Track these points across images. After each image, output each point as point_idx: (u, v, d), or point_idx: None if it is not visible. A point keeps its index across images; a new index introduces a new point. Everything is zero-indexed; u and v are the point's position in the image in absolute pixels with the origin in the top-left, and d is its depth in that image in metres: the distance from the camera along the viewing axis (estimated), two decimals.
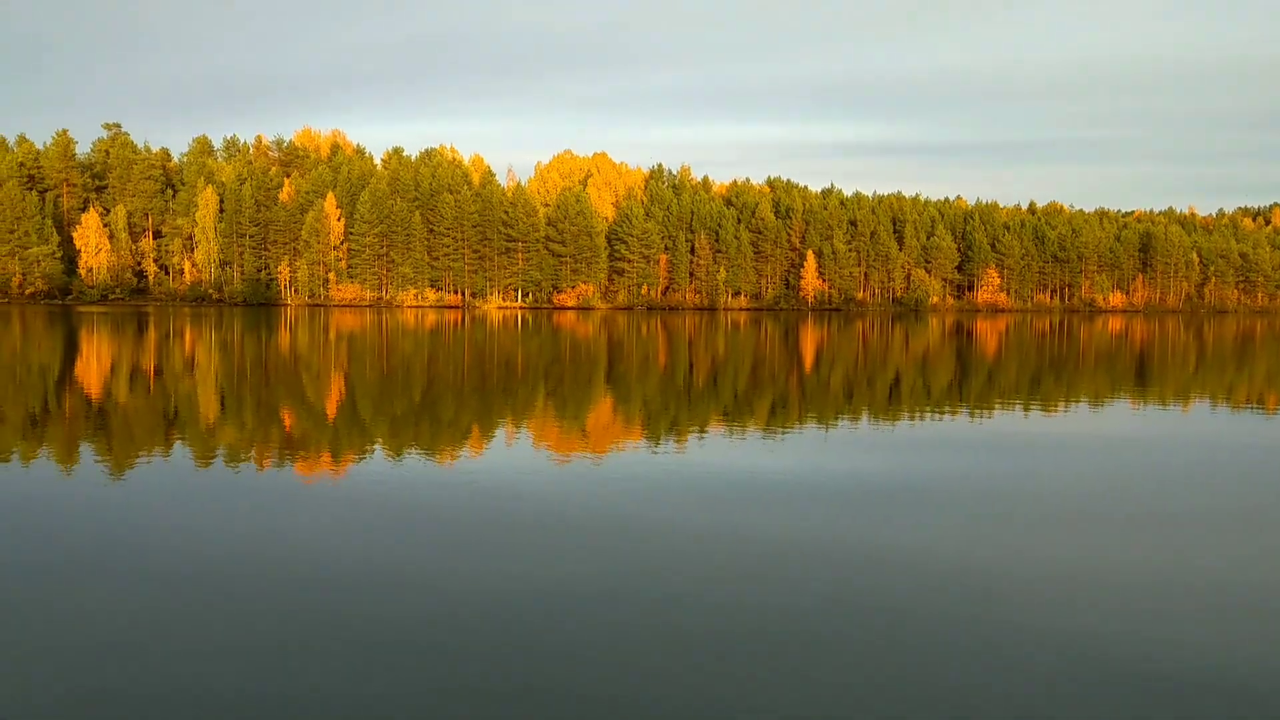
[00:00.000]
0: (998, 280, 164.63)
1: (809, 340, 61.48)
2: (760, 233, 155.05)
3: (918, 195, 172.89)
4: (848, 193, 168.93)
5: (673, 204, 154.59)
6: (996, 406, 25.40)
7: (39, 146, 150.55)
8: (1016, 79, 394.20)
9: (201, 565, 9.47)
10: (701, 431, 19.74)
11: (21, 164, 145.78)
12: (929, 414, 23.15)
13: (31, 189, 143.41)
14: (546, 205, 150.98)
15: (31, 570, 9.27)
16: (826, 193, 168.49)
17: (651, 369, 36.72)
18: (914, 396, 27.36)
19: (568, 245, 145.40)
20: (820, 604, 8.54)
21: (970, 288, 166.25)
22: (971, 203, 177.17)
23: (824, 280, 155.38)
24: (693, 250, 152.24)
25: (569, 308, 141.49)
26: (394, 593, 8.70)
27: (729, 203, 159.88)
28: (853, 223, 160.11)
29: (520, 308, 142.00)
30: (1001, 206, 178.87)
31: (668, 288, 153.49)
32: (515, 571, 9.39)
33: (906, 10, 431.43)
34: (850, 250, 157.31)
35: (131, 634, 7.57)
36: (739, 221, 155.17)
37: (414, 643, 7.49)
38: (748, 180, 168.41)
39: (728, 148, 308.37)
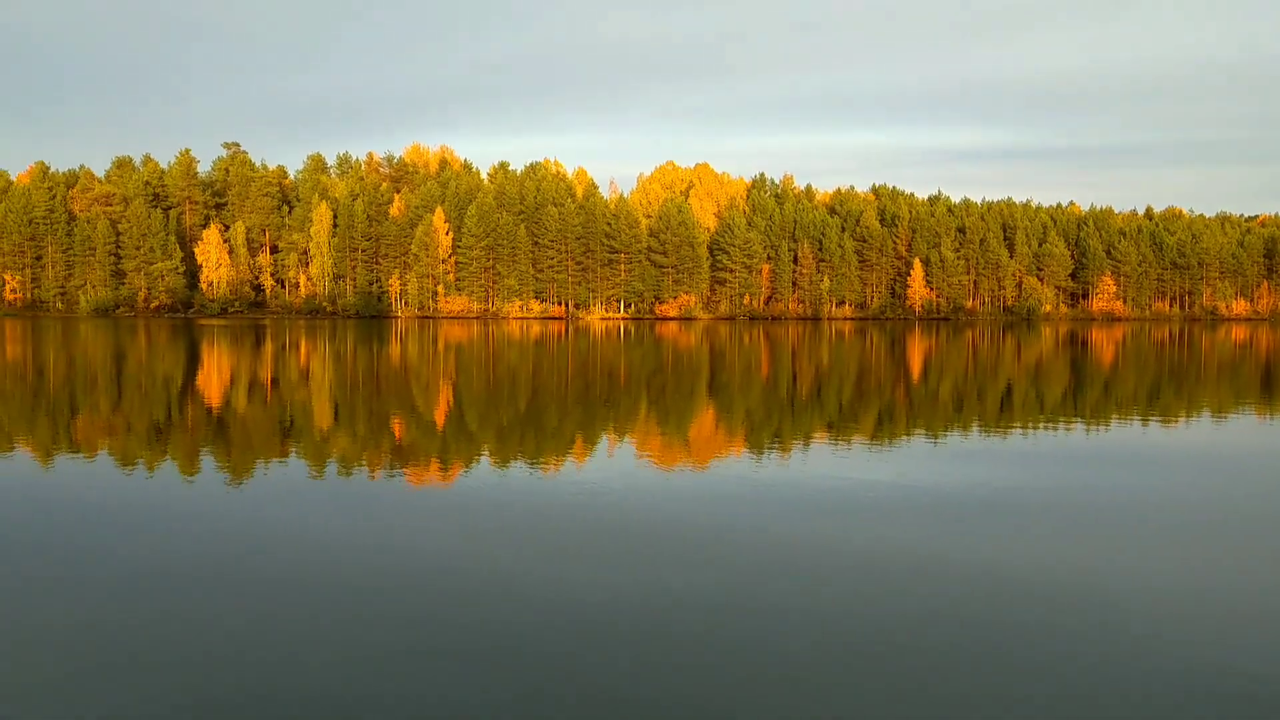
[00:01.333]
0: (1113, 288, 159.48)
1: (916, 350, 60.43)
2: (865, 241, 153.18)
3: (1028, 201, 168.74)
4: (955, 199, 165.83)
5: (775, 213, 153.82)
6: (1114, 419, 24.60)
7: (163, 166, 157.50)
8: (1129, 81, 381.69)
9: (314, 571, 9.76)
10: (805, 443, 19.57)
11: (147, 183, 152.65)
12: (1041, 426, 22.54)
13: (156, 207, 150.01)
14: (648, 216, 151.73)
15: (152, 576, 9.67)
16: (933, 199, 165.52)
17: (754, 379, 36.56)
18: (1026, 408, 26.66)
19: (669, 256, 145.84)
20: (925, 619, 8.39)
21: (1084, 296, 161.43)
22: (1085, 208, 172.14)
23: (931, 289, 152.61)
24: (796, 259, 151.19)
25: (671, 318, 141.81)
26: (500, 599, 8.84)
27: (833, 211, 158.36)
28: (961, 230, 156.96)
29: (622, 318, 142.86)
30: (1117, 212, 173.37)
31: (770, 297, 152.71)
32: (618, 580, 9.45)
33: (1016, 13, 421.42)
34: (959, 258, 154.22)
35: (245, 640, 7.85)
36: (843, 230, 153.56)
37: (518, 650, 7.60)
38: (852, 188, 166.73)
39: (831, 156, 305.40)
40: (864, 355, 54.10)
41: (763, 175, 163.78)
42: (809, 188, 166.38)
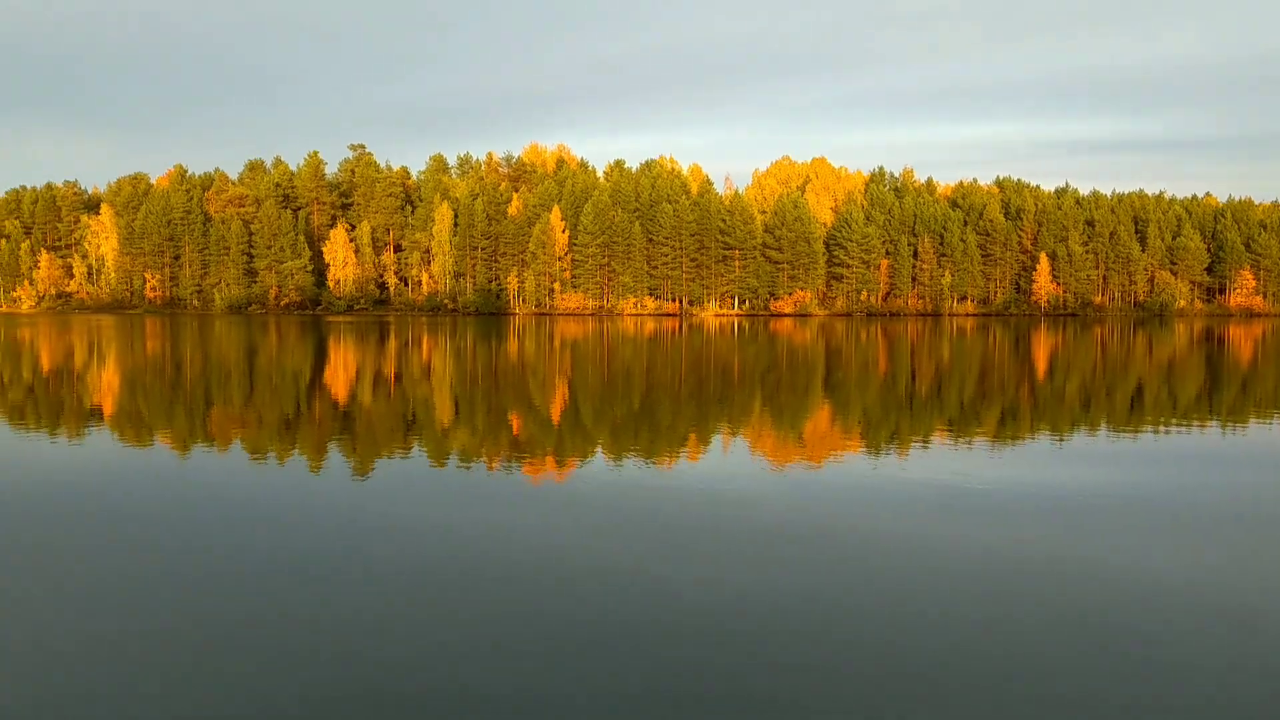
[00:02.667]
0: (1253, 282, 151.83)
1: (1042, 347, 58.61)
2: (988, 235, 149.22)
3: (1161, 193, 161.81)
4: (1084, 191, 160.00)
5: (894, 207, 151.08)
6: (1251, 419, 23.44)
7: (293, 168, 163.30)
8: (1265, 67, 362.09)
9: (432, 564, 9.98)
10: (924, 442, 19.17)
11: (278, 184, 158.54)
12: (1174, 426, 21.62)
13: (286, 207, 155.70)
14: (764, 212, 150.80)
15: (277, 567, 10.01)
16: (1060, 192, 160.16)
17: (871, 377, 35.99)
18: (1158, 408, 25.60)
19: (785, 252, 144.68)
20: (1050, 624, 8.12)
21: (1221, 291, 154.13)
22: (1222, 200, 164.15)
23: (1058, 284, 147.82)
24: (915, 254, 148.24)
25: (786, 315, 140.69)
26: (613, 594, 8.89)
27: (954, 204, 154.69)
28: (1089, 223, 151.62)
29: (736, 315, 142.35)
30: (1257, 203, 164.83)
31: (889, 293, 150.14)
32: (731, 578, 9.40)
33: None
34: (1087, 252, 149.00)
35: (365, 632, 8.06)
36: (965, 224, 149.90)
37: (630, 644, 7.63)
38: (974, 181, 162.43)
39: (952, 148, 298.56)
40: (986, 352, 52.73)
41: (881, 169, 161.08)
42: (930, 181, 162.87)
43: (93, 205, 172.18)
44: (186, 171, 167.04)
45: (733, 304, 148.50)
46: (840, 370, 39.47)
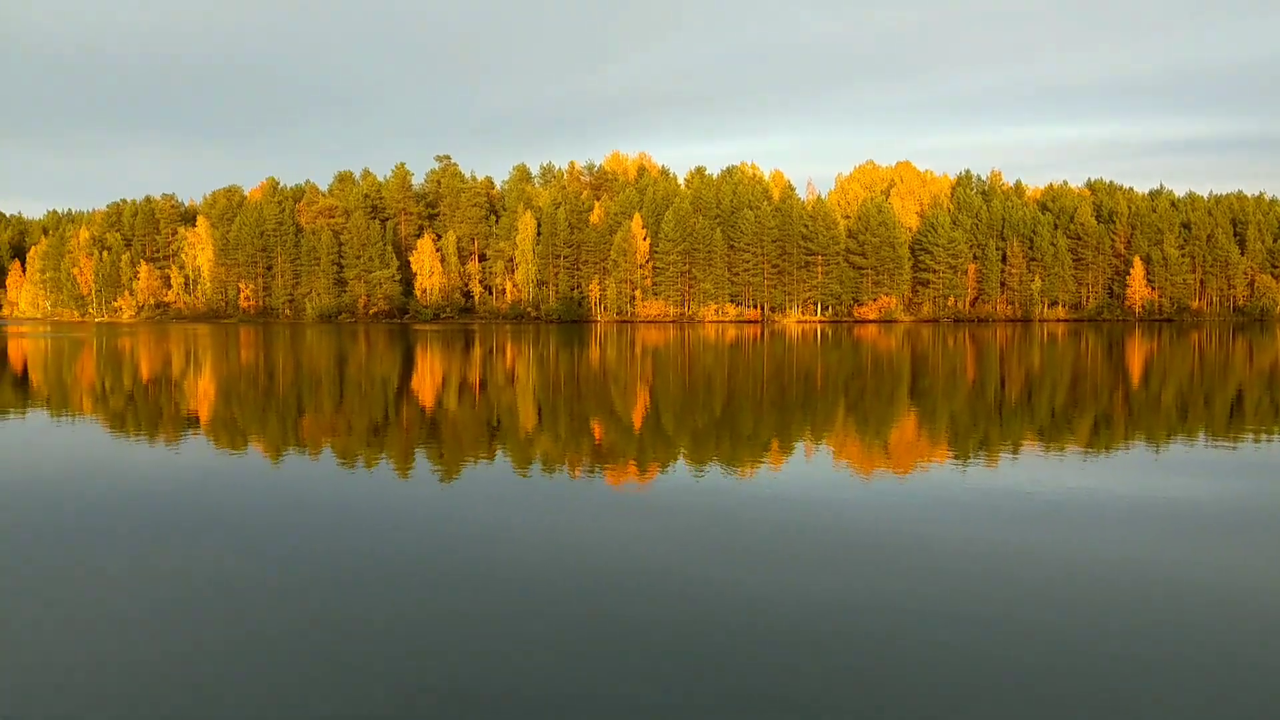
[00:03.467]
0: None
1: (1136, 353, 56.97)
2: (1080, 239, 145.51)
3: (1261, 194, 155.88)
4: (1179, 193, 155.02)
5: (982, 210, 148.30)
6: None
7: (380, 179, 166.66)
8: None
9: (516, 568, 10.06)
10: (1014, 450, 18.76)
11: (366, 195, 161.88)
12: (1276, 436, 20.82)
13: (375, 218, 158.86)
14: (847, 217, 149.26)
15: (364, 571, 10.19)
16: (1155, 194, 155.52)
17: (959, 384, 35.35)
18: (1259, 416, 24.68)
19: (869, 257, 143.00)
20: (1139, 632, 7.87)
21: None
22: None
23: (1153, 288, 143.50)
24: (1004, 259, 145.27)
25: (870, 321, 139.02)
26: (695, 601, 8.86)
27: (1044, 208, 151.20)
28: (1186, 225, 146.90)
29: (819, 321, 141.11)
30: None
31: (976, 299, 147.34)
32: (812, 585, 9.31)
33: None
34: (1183, 256, 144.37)
35: (448, 633, 8.16)
36: (1055, 227, 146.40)
37: (711, 650, 7.59)
38: (1065, 183, 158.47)
39: (1042, 150, 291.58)
40: (1078, 358, 51.43)
41: (968, 172, 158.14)
42: (1018, 184, 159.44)
43: (189, 218, 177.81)
44: (278, 184, 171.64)
45: (815, 310, 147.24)
46: (926, 377, 38.85)
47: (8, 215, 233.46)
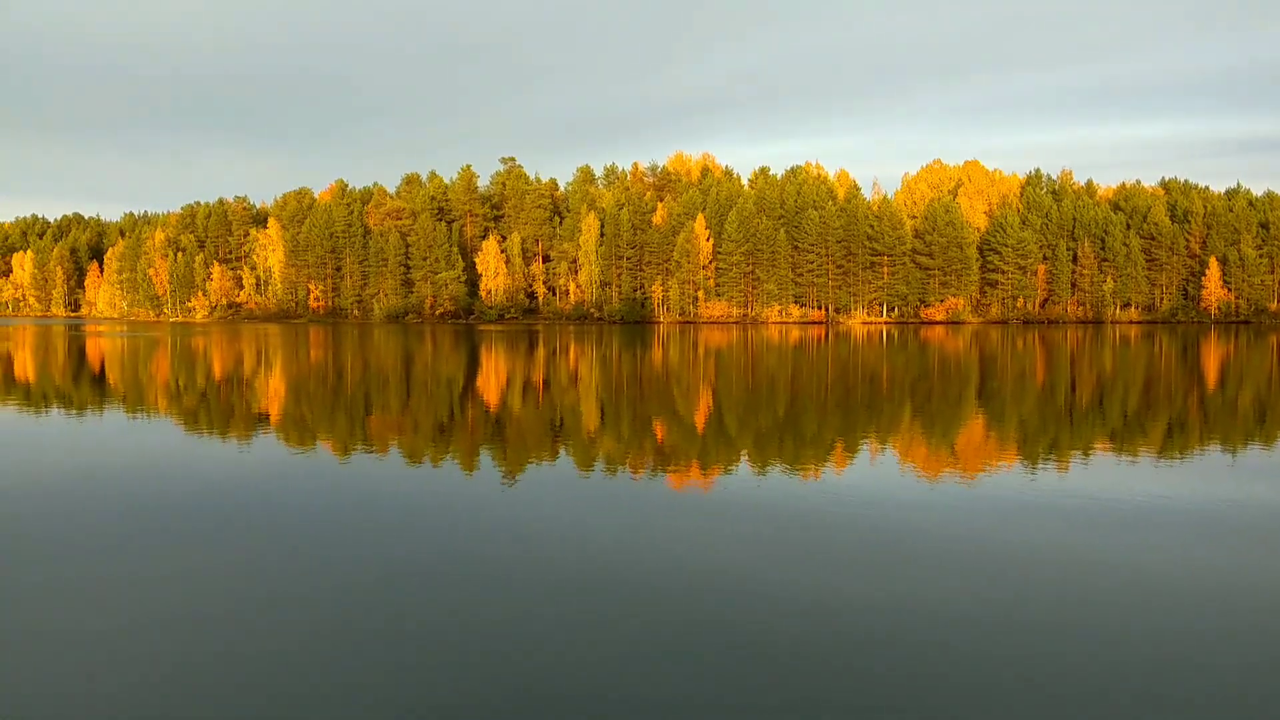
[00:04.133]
0: None
1: (1212, 356, 55.50)
2: (1153, 239, 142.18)
3: None
4: (1257, 192, 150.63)
5: (1052, 210, 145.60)
6: None
7: (447, 181, 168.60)
8: None
9: (577, 568, 10.09)
10: (1085, 454, 18.38)
11: (433, 197, 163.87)
12: None
13: (441, 220, 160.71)
14: (913, 217, 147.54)
15: (427, 569, 10.30)
16: (1231, 193, 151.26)
17: (1028, 386, 34.73)
18: None
19: (936, 258, 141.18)
20: (1223, 640, 7.66)
21: None
22: None
23: (1229, 290, 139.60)
24: (1075, 259, 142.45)
25: (937, 322, 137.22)
26: (755, 602, 8.82)
27: (1116, 207, 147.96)
28: (1264, 225, 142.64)
29: (885, 323, 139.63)
30: None
31: (1046, 300, 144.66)
32: (875, 589, 9.21)
33: None
34: (1261, 256, 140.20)
35: (510, 632, 8.21)
36: (1128, 227, 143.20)
37: (771, 651, 7.54)
38: (1137, 182, 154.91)
39: (1113, 149, 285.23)
40: (1152, 361, 50.24)
41: (1038, 171, 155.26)
42: (1089, 183, 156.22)
43: (261, 219, 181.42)
44: (347, 186, 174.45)
45: (881, 311, 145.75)
46: (995, 380, 38.24)
47: (86, 218, 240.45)
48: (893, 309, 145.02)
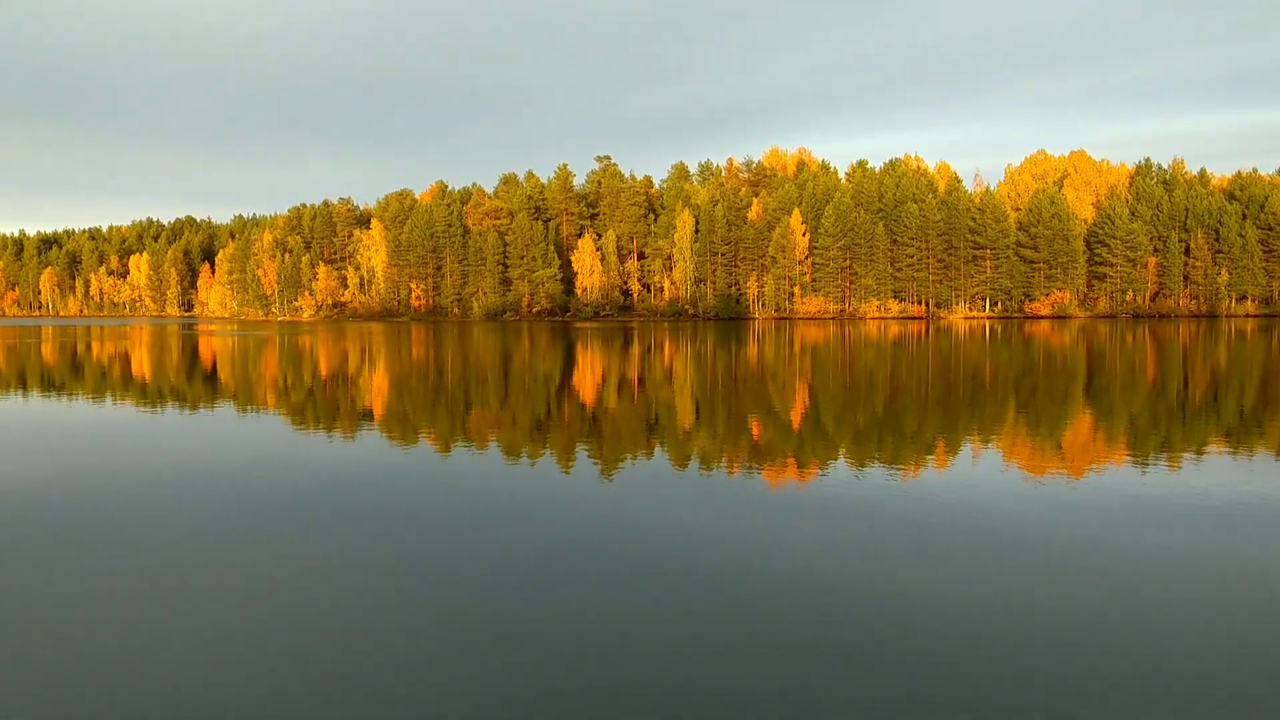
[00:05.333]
0: None
1: None
2: (1271, 229, 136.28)
3: None
4: None
5: (1163, 200, 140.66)
6: None
7: (543, 180, 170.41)
8: None
9: (671, 565, 10.11)
10: (1198, 453, 17.72)
11: (530, 197, 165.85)
12: None
13: (538, 219, 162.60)
14: (1017, 209, 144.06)
15: (523, 565, 10.41)
16: None
17: (1138, 382, 33.62)
18: None
19: (1040, 250, 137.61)
20: None
21: None
22: None
23: None
24: (1187, 251, 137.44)
25: (1042, 317, 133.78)
26: (854, 602, 8.72)
27: (1231, 197, 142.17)
28: None
29: (988, 317, 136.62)
30: None
31: (1157, 293, 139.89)
32: (977, 588, 9.02)
33: None
34: None
35: (606, 630, 8.25)
36: (1244, 217, 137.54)
37: (867, 652, 7.45)
38: (1254, 171, 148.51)
39: (1228, 138, 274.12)
40: (1270, 356, 48.16)
41: (1147, 160, 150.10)
42: (1203, 172, 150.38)
43: (364, 220, 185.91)
44: (447, 186, 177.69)
45: (983, 306, 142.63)
46: (1103, 375, 37.11)
47: (199, 220, 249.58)
48: (996, 303, 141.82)
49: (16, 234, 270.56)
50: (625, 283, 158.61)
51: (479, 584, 9.42)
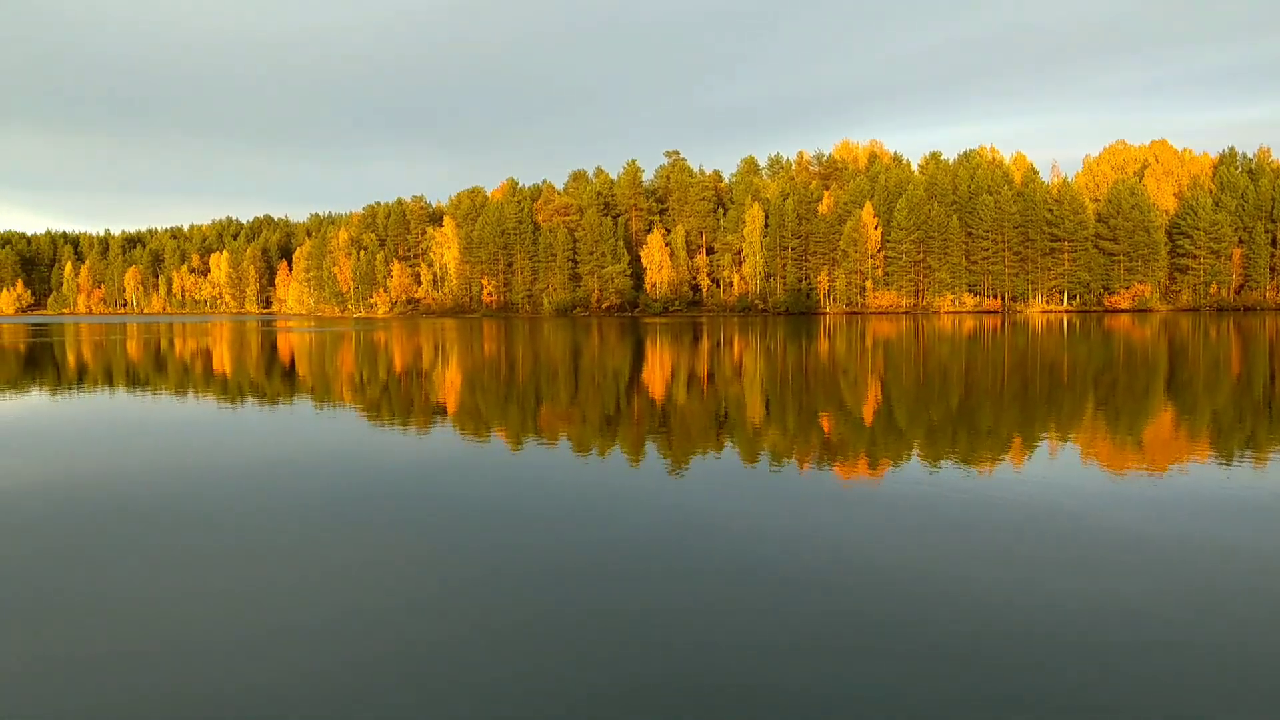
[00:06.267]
0: None
1: None
2: None
3: None
4: None
5: (1248, 190, 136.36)
6: None
7: (612, 176, 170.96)
8: None
9: (740, 561, 10.09)
10: None
11: (599, 193, 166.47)
12: None
13: (607, 215, 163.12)
14: (1096, 200, 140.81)
15: (593, 560, 10.47)
16: None
17: (1223, 377, 32.66)
18: None
19: (1120, 242, 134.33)
20: None
21: None
22: None
23: None
24: (1274, 242, 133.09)
25: (1122, 310, 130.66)
26: (930, 599, 8.63)
27: None
28: None
29: (1066, 311, 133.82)
30: None
31: (1242, 286, 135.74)
32: (1057, 587, 8.86)
33: None
34: None
35: (677, 625, 8.27)
36: None
37: (936, 648, 7.37)
38: None
39: None
40: None
41: (1232, 149, 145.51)
42: None
43: (437, 218, 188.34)
44: (517, 184, 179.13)
45: (1061, 299, 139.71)
46: (1185, 370, 36.13)
47: (276, 219, 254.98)
48: (1074, 296, 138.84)
49: (103, 234, 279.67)
50: (694, 278, 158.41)
51: (547, 576, 9.50)
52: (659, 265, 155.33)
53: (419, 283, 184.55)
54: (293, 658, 7.49)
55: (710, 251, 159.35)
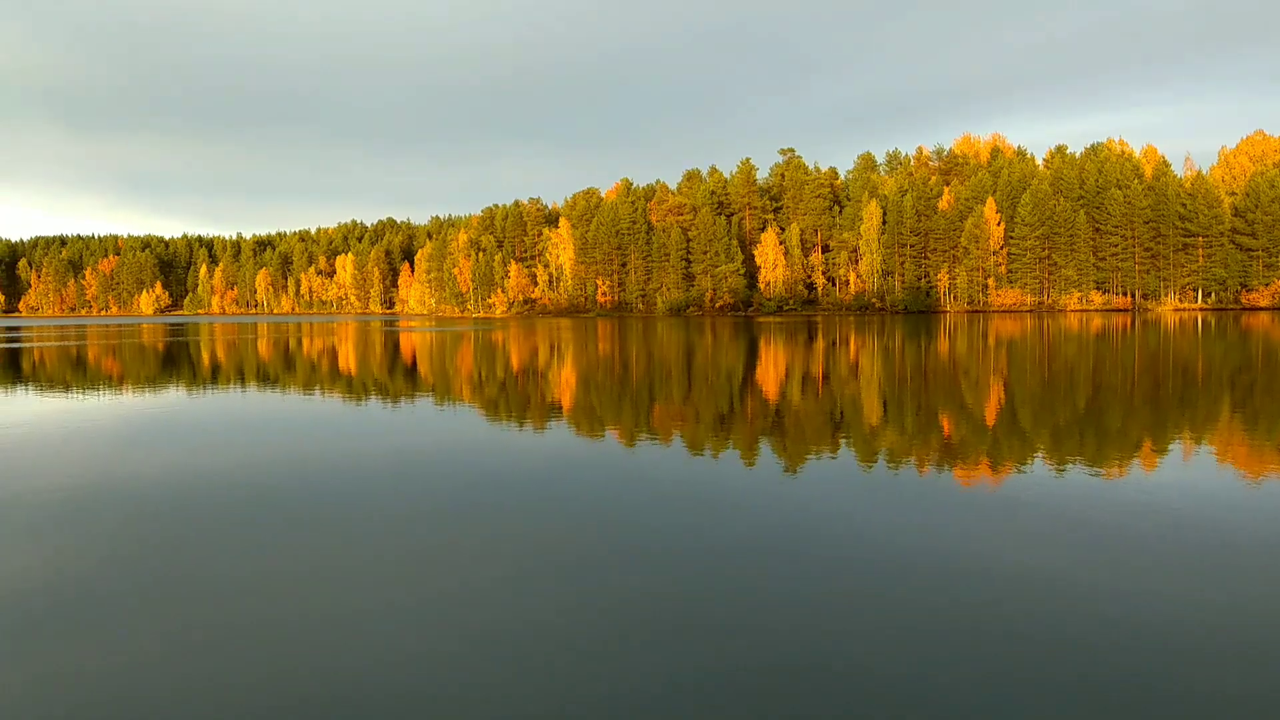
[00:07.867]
0: None
1: None
2: None
3: None
4: None
5: None
6: None
7: (726, 175, 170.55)
8: None
9: (859, 560, 9.98)
10: None
11: (712, 192, 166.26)
12: None
13: (720, 214, 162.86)
14: (1232, 194, 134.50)
15: (704, 554, 10.49)
16: None
17: None
18: None
19: (1259, 238, 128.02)
20: None
21: None
22: None
23: None
24: None
25: (1262, 308, 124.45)
26: (1045, 602, 8.40)
27: None
28: None
29: (1200, 309, 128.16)
30: None
31: None
32: (1180, 593, 8.52)
33: None
34: None
35: (784, 618, 8.23)
36: None
37: (1052, 650, 7.17)
38: None
39: None
40: None
41: None
42: None
43: (552, 219, 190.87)
44: (631, 184, 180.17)
45: (1195, 297, 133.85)
46: None
47: (399, 222, 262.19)
48: (1209, 294, 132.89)
49: (235, 237, 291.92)
50: (809, 276, 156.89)
51: (655, 570, 9.55)
52: (773, 264, 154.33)
53: (535, 283, 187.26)
54: (438, 632, 7.71)
55: (826, 249, 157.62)
